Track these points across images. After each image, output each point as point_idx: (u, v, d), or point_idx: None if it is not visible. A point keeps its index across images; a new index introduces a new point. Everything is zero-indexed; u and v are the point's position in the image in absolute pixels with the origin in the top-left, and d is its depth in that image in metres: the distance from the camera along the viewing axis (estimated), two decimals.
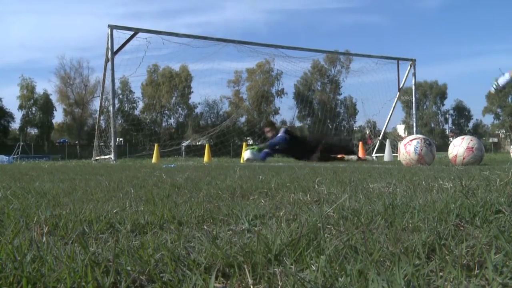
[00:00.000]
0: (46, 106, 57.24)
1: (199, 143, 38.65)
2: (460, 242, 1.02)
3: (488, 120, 75.93)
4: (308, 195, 2.08)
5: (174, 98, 60.50)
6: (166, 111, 61.04)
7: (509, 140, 71.80)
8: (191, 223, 1.37)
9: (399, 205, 1.59)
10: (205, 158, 15.23)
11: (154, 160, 14.64)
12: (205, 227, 1.31)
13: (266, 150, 12.05)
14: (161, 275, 0.83)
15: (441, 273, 0.82)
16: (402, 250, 0.94)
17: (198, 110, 62.64)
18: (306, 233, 1.02)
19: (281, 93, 62.73)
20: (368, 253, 0.87)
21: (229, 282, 0.81)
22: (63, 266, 0.84)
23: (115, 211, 1.58)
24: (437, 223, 1.21)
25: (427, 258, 0.93)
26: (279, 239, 0.95)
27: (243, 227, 1.27)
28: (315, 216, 1.32)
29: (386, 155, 14.69)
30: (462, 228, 1.25)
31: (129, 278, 0.80)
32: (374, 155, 18.81)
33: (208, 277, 0.77)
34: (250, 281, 0.77)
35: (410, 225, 1.21)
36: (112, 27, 14.48)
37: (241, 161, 12.42)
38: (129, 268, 0.85)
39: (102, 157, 15.56)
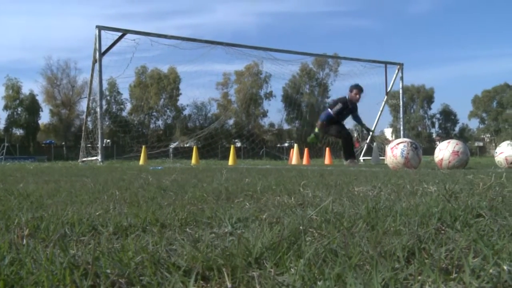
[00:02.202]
0: (32, 106, 56.70)
1: (187, 145, 38.53)
2: (440, 246, 1.03)
3: (473, 124, 76.82)
4: (292, 198, 2.09)
5: (162, 100, 60.29)
6: (154, 113, 60.82)
7: (494, 144, 72.57)
8: (174, 226, 1.36)
9: (382, 208, 1.60)
10: (193, 160, 15.20)
11: (141, 162, 14.59)
12: (188, 230, 1.31)
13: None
14: (141, 278, 0.83)
15: (419, 277, 0.83)
16: (382, 254, 0.95)
17: (186, 112, 62.53)
18: (287, 236, 1.02)
19: (269, 95, 62.79)
20: (347, 256, 0.88)
21: (209, 285, 0.81)
22: (42, 269, 0.83)
23: (97, 213, 1.57)
24: (417, 227, 1.22)
25: (407, 262, 0.94)
26: (260, 242, 0.95)
27: (226, 230, 1.27)
28: (298, 219, 1.33)
29: (374, 159, 14.77)
30: (443, 231, 1.26)
31: (108, 281, 0.80)
32: (361, 158, 18.91)
33: (187, 280, 0.77)
34: (229, 285, 0.77)
35: (391, 228, 1.22)
36: (100, 28, 14.40)
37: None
38: (108, 270, 0.85)
39: (89, 158, 15.45)
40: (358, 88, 11.35)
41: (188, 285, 0.75)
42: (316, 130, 11.25)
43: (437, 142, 51.15)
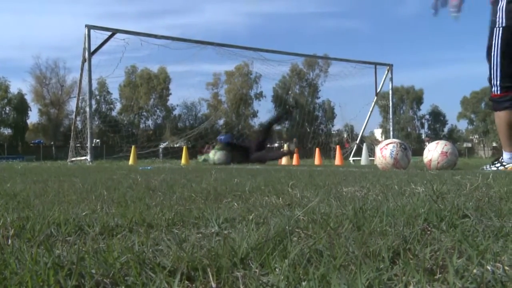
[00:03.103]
0: (21, 106, 56.29)
1: (177, 145, 38.46)
2: (425, 247, 1.04)
3: (462, 125, 77.47)
4: (280, 198, 2.09)
5: (152, 99, 60.15)
6: (144, 113, 60.66)
7: (482, 145, 73.26)
8: (161, 226, 1.36)
9: (369, 209, 1.61)
10: (183, 161, 15.18)
11: (131, 162, 14.53)
12: (174, 230, 1.31)
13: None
14: (126, 278, 0.82)
15: (404, 277, 0.83)
16: (368, 254, 0.95)
17: (176, 112, 62.48)
18: (273, 236, 1.02)
19: (259, 96, 62.91)
20: (332, 257, 0.88)
21: (193, 285, 0.81)
22: (26, 269, 0.83)
23: (84, 213, 1.57)
24: (403, 228, 1.23)
25: (392, 262, 0.94)
26: (246, 242, 0.96)
27: (213, 231, 1.27)
28: (285, 219, 1.33)
29: (363, 159, 14.85)
30: (429, 232, 1.27)
31: (92, 281, 0.80)
32: (351, 158, 18.99)
33: (172, 280, 0.77)
34: (214, 285, 0.77)
35: (378, 229, 1.23)
36: (89, 27, 14.34)
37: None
38: (93, 271, 0.85)
39: (78, 158, 15.37)
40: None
41: (172, 285, 0.75)
42: None
43: (426, 143, 51.51)
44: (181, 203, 2.01)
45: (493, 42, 5.47)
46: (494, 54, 5.47)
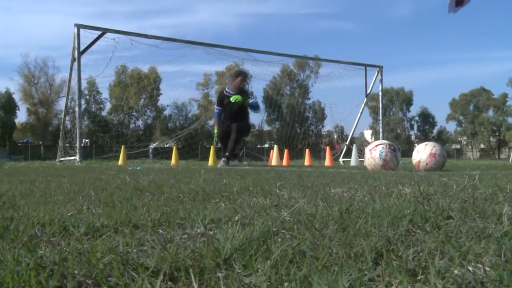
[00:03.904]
0: (8, 105, 55.67)
1: (167, 145, 38.31)
2: (409, 248, 1.04)
3: (451, 127, 77.88)
4: (268, 199, 2.09)
5: (142, 99, 59.87)
6: (134, 113, 60.37)
7: (470, 147, 73.84)
8: (146, 227, 1.36)
9: (356, 210, 1.62)
10: (173, 161, 15.13)
11: (120, 162, 14.46)
12: (160, 230, 1.30)
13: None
14: (108, 278, 0.82)
15: (387, 278, 0.84)
16: (351, 255, 0.96)
17: (166, 112, 62.22)
18: (257, 237, 1.02)
19: (250, 96, 62.77)
20: (315, 258, 0.88)
21: (176, 286, 0.81)
22: (7, 270, 0.82)
23: (70, 214, 1.56)
24: (387, 229, 1.24)
25: (375, 263, 0.95)
26: (230, 243, 0.96)
27: (199, 231, 1.27)
28: (271, 220, 1.33)
29: (353, 160, 14.89)
30: (413, 233, 1.28)
31: (74, 281, 0.79)
32: (341, 159, 19.04)
33: (155, 281, 0.77)
34: (196, 285, 0.77)
35: (363, 230, 1.24)
36: (79, 26, 14.23)
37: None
38: (76, 271, 0.84)
39: (67, 158, 15.26)
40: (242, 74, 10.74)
41: (155, 285, 0.75)
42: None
43: (416, 144, 51.78)
44: (169, 203, 2.01)
45: None
46: None
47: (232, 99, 10.35)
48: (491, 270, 0.89)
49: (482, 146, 72.93)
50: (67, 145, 16.38)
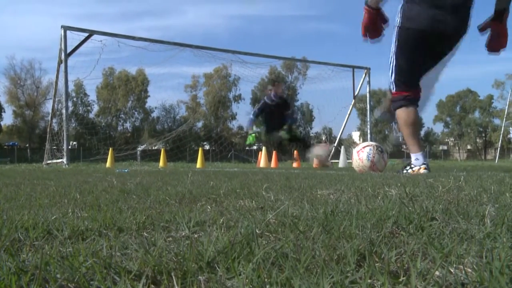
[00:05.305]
0: None
1: (155, 147, 38.19)
2: (392, 249, 1.05)
3: (438, 128, 78.57)
4: (254, 201, 2.10)
5: (130, 102, 59.67)
6: (122, 115, 60.14)
7: (457, 148, 74.52)
8: (131, 230, 1.35)
9: (341, 212, 1.63)
10: (161, 163, 15.09)
11: (108, 164, 14.38)
12: (145, 233, 1.30)
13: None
14: (91, 282, 0.82)
15: (369, 280, 0.85)
16: (334, 258, 0.96)
17: (154, 114, 62.14)
18: (241, 240, 1.03)
19: (238, 98, 62.96)
20: (298, 260, 0.89)
21: None
22: None
23: (54, 217, 1.54)
24: (370, 231, 1.24)
25: (358, 266, 0.95)
26: (213, 246, 0.96)
27: (183, 234, 1.26)
28: (255, 222, 1.33)
29: (341, 162, 14.96)
30: (397, 235, 1.29)
31: (56, 285, 0.79)
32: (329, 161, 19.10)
33: (137, 284, 0.77)
34: None
35: (347, 232, 1.24)
36: (65, 28, 14.15)
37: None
38: (58, 275, 0.84)
39: (54, 161, 15.15)
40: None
41: None
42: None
43: (403, 146, 52.06)
44: (155, 206, 2.00)
45: (392, 41, 5.64)
46: (390, 53, 5.64)
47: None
48: (472, 271, 0.90)
49: (468, 147, 73.66)
50: (54, 147, 16.27)
